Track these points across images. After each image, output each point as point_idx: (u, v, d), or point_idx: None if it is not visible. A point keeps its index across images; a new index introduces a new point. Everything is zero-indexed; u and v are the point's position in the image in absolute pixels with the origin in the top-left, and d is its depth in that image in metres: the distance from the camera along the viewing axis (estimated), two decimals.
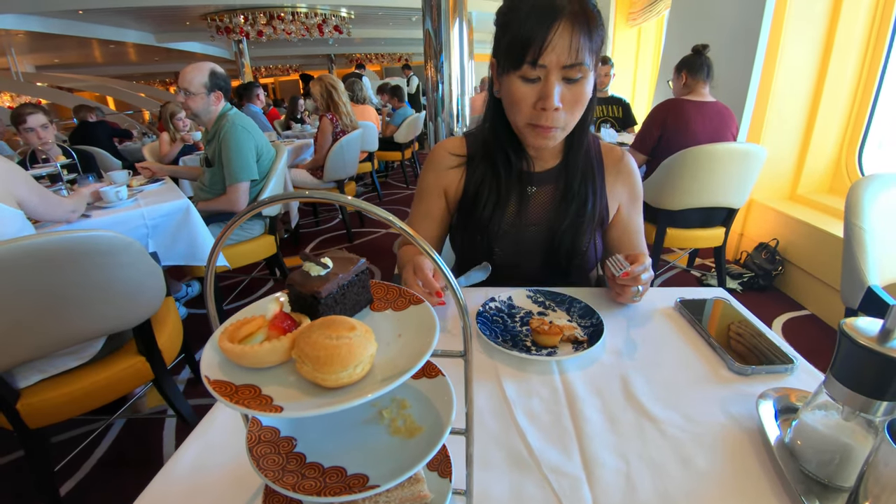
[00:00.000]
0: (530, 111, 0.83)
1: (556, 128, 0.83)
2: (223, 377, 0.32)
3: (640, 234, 1.04)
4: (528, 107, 0.82)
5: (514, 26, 0.78)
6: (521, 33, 0.77)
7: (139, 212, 1.86)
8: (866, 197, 1.23)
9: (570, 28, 0.75)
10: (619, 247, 1.03)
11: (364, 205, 0.31)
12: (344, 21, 9.70)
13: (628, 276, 0.78)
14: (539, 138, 0.86)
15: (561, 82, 0.79)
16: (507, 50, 0.80)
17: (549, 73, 0.78)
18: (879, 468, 0.39)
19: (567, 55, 0.76)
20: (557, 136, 0.86)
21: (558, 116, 0.82)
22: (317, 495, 0.31)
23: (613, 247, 1.05)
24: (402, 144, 5.24)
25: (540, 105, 0.81)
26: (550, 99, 0.79)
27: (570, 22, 0.75)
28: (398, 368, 0.33)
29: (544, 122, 0.82)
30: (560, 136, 0.87)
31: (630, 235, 1.03)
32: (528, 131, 0.86)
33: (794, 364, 0.67)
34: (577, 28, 0.75)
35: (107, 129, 4.62)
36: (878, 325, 0.46)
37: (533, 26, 0.76)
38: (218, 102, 2.11)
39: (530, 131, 0.86)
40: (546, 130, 0.84)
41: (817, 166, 2.87)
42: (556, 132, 0.84)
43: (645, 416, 0.59)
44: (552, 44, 0.75)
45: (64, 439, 1.66)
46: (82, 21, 8.52)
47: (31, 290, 1.03)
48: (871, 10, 2.50)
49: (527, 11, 0.77)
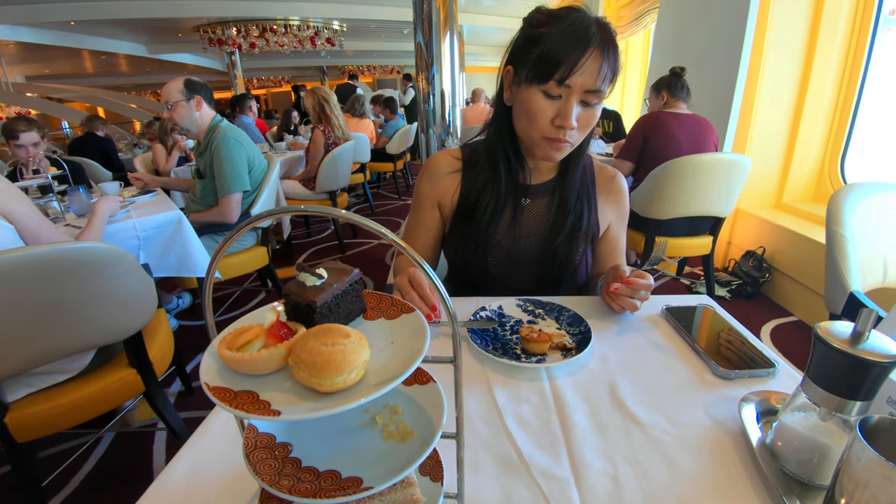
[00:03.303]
0: (547, 125, 0.85)
1: (569, 143, 0.87)
2: (222, 383, 0.34)
3: (623, 248, 1.09)
4: (546, 121, 0.85)
5: (547, 43, 0.81)
6: (555, 51, 0.79)
7: (131, 223, 1.86)
8: (847, 205, 1.27)
9: (600, 56, 0.79)
10: (606, 262, 1.07)
11: (357, 218, 0.33)
12: (336, 34, 9.78)
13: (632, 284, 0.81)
14: (552, 150, 0.89)
15: (579, 104, 0.83)
16: (535, 63, 0.82)
17: (572, 94, 0.82)
18: (853, 465, 0.41)
19: (592, 81, 0.80)
20: (566, 150, 0.89)
21: (572, 134, 0.85)
22: (312, 497, 0.33)
23: (601, 262, 1.08)
24: (394, 155, 5.29)
25: (558, 122, 0.84)
26: (569, 118, 0.82)
27: (600, 50, 0.79)
28: (391, 373, 0.34)
29: (560, 136, 0.85)
30: (568, 150, 0.90)
31: (616, 252, 1.08)
32: (542, 143, 0.89)
33: (775, 368, 0.69)
34: (605, 57, 0.79)
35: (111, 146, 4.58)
36: (851, 328, 0.48)
37: (567, 47, 0.79)
38: (200, 108, 2.10)
39: (544, 144, 0.88)
40: (560, 143, 0.87)
41: (801, 175, 2.94)
42: (567, 147, 0.88)
43: (631, 420, 0.60)
44: (582, 68, 0.79)
45: (52, 454, 1.63)
46: (74, 32, 8.51)
47: (22, 301, 1.03)
48: (849, 22, 2.58)
49: (563, 31, 0.80)
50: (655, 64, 3.78)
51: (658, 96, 2.44)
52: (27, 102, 9.97)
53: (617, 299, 0.83)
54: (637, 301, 0.81)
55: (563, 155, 0.90)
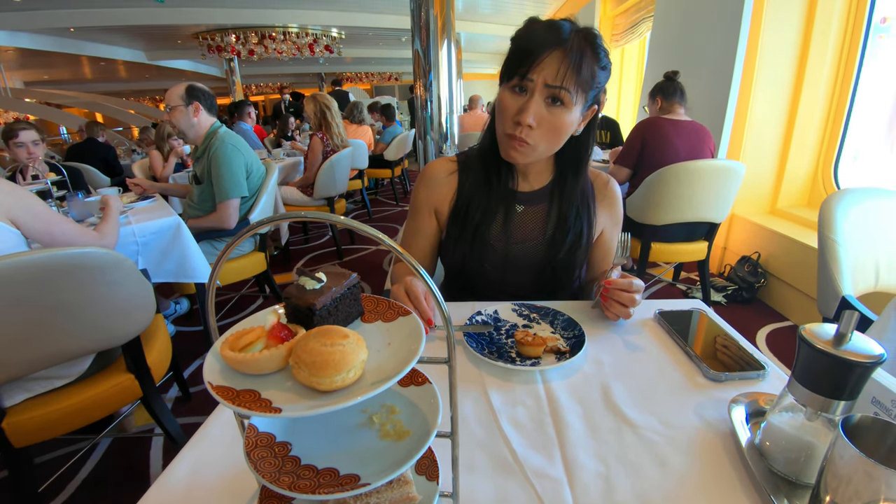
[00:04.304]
0: (510, 122, 0.87)
1: (528, 144, 0.87)
2: (225, 383, 0.35)
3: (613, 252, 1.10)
4: (510, 117, 0.86)
5: (518, 42, 0.85)
6: (521, 48, 0.83)
7: (129, 229, 1.87)
8: (838, 210, 1.29)
9: (565, 54, 0.80)
10: (599, 267, 1.09)
11: (356, 224, 0.34)
12: (335, 41, 9.84)
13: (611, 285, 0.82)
14: (511, 150, 0.89)
15: (544, 101, 0.84)
16: (505, 62, 0.86)
17: (535, 89, 0.83)
18: (836, 462, 0.42)
19: (554, 76, 0.81)
20: (528, 153, 0.89)
21: (531, 133, 0.86)
22: (311, 493, 0.34)
23: (594, 267, 1.10)
24: (392, 162, 5.31)
25: (516, 117, 0.85)
26: (527, 112, 0.83)
27: (567, 49, 0.80)
28: (387, 373, 0.36)
29: (518, 133, 0.86)
30: (532, 155, 0.90)
31: (607, 257, 1.09)
32: (505, 141, 0.90)
33: (765, 370, 0.71)
34: (573, 58, 0.80)
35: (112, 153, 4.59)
36: (835, 329, 0.50)
37: (533, 43, 0.82)
38: (197, 114, 2.12)
39: (506, 141, 0.90)
40: (518, 143, 0.87)
41: (796, 181, 2.97)
42: (527, 149, 0.88)
43: (624, 421, 0.62)
44: (544, 62, 0.81)
45: (48, 459, 1.63)
46: (73, 38, 8.54)
47: (21, 306, 1.04)
48: (841, 30, 2.62)
49: (534, 32, 0.84)
50: (651, 72, 3.82)
51: (653, 101, 2.45)
52: (25, 108, 9.98)
53: (610, 307, 0.84)
54: (631, 308, 0.82)
55: (524, 158, 0.90)
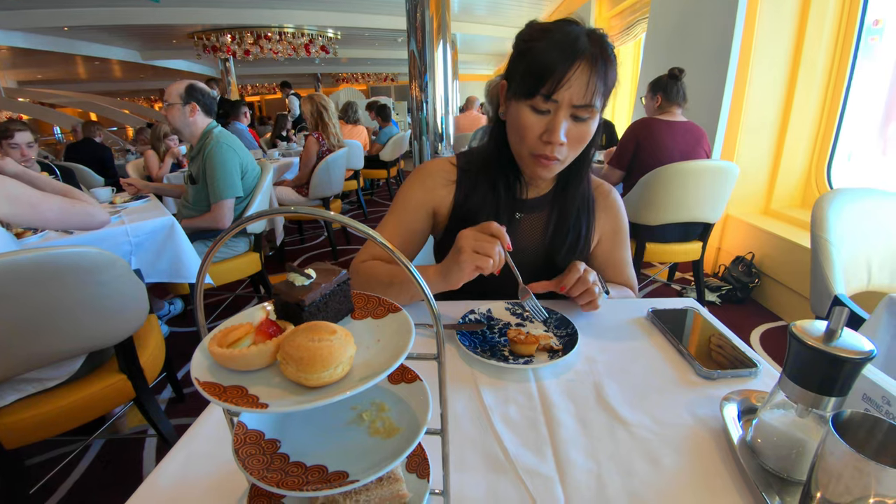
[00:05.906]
0: (535, 141, 0.84)
1: (558, 160, 0.85)
2: (212, 379, 0.35)
3: (624, 266, 1.06)
4: (534, 137, 0.83)
5: (533, 56, 0.79)
6: (540, 65, 0.78)
7: (123, 228, 1.85)
8: (831, 210, 1.30)
9: (589, 70, 0.77)
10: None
11: (346, 220, 0.34)
12: (331, 41, 9.82)
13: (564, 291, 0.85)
14: (540, 168, 0.87)
15: (569, 119, 0.81)
16: (522, 78, 0.81)
17: (560, 109, 0.80)
18: (826, 458, 0.42)
19: (581, 96, 0.78)
20: (556, 168, 0.88)
21: (561, 150, 0.84)
22: (299, 490, 0.33)
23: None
24: (387, 162, 5.32)
25: (545, 137, 0.82)
26: (557, 133, 0.80)
27: (589, 64, 0.77)
28: (375, 369, 0.35)
29: (548, 153, 0.83)
30: (558, 168, 0.88)
31: (608, 269, 1.06)
32: (530, 161, 0.87)
33: (757, 368, 0.71)
34: (595, 71, 0.77)
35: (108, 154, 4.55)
36: (825, 325, 0.50)
37: (553, 61, 0.77)
38: (194, 115, 2.11)
39: (532, 161, 0.87)
40: (548, 161, 0.85)
41: (789, 181, 2.99)
42: (556, 164, 0.86)
43: (616, 419, 0.62)
44: (569, 82, 0.77)
45: (40, 461, 1.62)
46: (68, 38, 8.49)
47: (12, 306, 1.03)
48: (833, 32, 2.64)
49: (549, 44, 0.78)
50: (646, 73, 3.84)
51: (653, 98, 2.40)
52: (19, 107, 9.90)
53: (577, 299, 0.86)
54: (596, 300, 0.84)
55: (551, 173, 0.89)
